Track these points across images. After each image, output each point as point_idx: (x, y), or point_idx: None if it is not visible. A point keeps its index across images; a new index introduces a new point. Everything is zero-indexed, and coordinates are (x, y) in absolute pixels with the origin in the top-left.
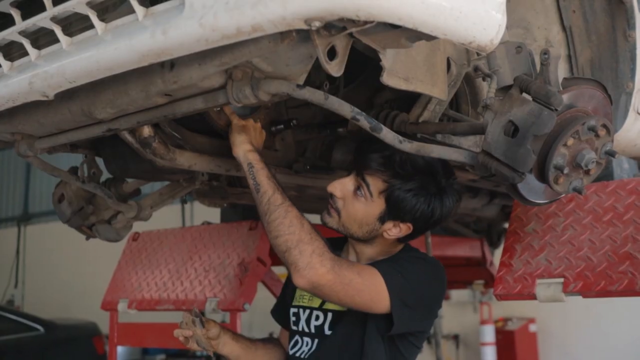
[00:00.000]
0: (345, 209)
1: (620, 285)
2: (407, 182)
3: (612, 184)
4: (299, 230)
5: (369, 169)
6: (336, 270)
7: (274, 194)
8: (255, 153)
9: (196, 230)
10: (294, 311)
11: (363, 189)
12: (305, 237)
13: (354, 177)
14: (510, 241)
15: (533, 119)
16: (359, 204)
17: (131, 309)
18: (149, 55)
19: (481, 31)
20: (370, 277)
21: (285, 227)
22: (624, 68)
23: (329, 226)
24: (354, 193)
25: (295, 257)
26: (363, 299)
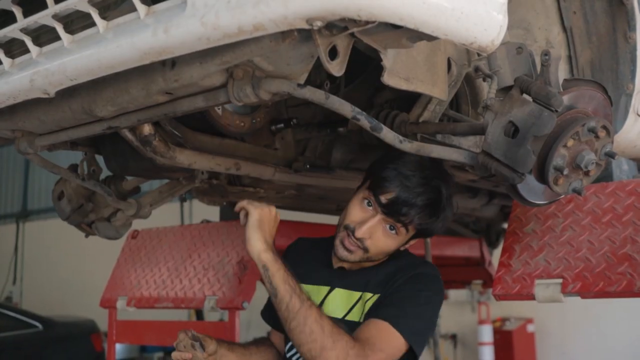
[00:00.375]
0: (374, 245)
1: (619, 286)
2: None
3: (611, 185)
4: (320, 336)
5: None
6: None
7: (291, 300)
8: (270, 253)
9: (195, 229)
10: None
11: (399, 229)
12: (328, 343)
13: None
14: (510, 241)
15: (533, 119)
16: (391, 240)
17: (130, 307)
18: (150, 54)
19: (482, 32)
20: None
21: (306, 336)
22: (624, 69)
23: (350, 260)
24: (385, 230)
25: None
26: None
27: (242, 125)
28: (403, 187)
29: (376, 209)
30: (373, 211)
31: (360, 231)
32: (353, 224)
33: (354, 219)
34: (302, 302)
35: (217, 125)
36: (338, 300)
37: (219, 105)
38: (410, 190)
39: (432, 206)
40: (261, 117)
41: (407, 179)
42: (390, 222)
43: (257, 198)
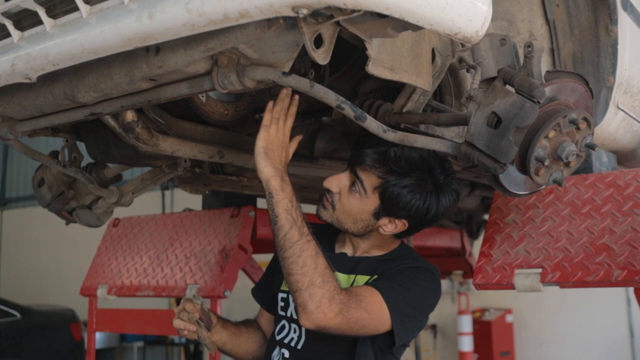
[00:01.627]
0: (340, 203)
1: (597, 276)
2: (402, 178)
3: (591, 176)
4: (312, 271)
5: (363, 164)
6: (344, 312)
7: (290, 230)
8: (277, 180)
9: (177, 217)
10: (283, 296)
11: (357, 185)
12: (317, 280)
13: (349, 173)
14: (490, 232)
15: (516, 110)
16: (354, 199)
17: (110, 295)
18: (134, 40)
19: (467, 22)
20: (376, 309)
21: (298, 267)
22: (605, 62)
23: (324, 219)
24: (349, 189)
25: (305, 300)
26: (367, 331)
27: (225, 113)
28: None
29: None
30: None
31: (326, 181)
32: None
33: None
34: (301, 235)
35: (201, 112)
36: None
37: (204, 92)
38: (375, 148)
39: (383, 153)
40: (245, 105)
41: (379, 146)
42: (352, 179)
43: (241, 187)
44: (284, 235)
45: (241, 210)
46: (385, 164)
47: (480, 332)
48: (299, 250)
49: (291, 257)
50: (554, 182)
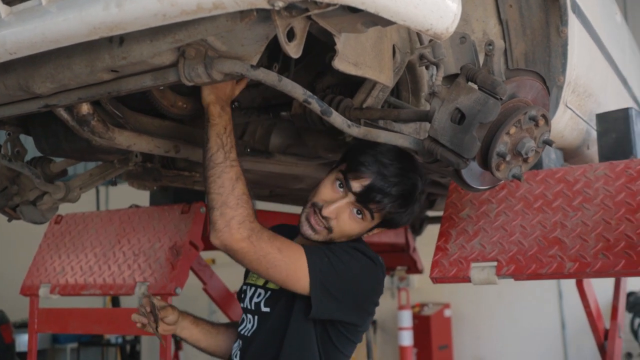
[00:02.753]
0: (338, 227)
1: (550, 268)
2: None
3: (541, 172)
4: (227, 192)
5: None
6: (253, 240)
7: (217, 152)
8: (217, 107)
9: (124, 213)
10: (244, 288)
11: (365, 215)
12: (232, 202)
13: (353, 202)
14: (446, 226)
15: (479, 107)
16: (355, 223)
17: (54, 294)
18: (100, 29)
19: (438, 19)
20: (292, 254)
21: (216, 187)
22: (555, 62)
23: (314, 240)
24: (352, 213)
25: (216, 218)
26: (278, 274)
27: (184, 107)
28: (379, 175)
29: (347, 191)
30: (343, 193)
31: (327, 210)
32: (321, 202)
33: (323, 198)
34: (225, 159)
35: (159, 106)
36: None
37: (168, 84)
38: (387, 179)
39: (405, 198)
40: None
41: (384, 167)
42: (358, 207)
43: (192, 182)
44: (210, 156)
45: (192, 206)
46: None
47: (419, 327)
48: (219, 172)
49: (212, 177)
50: (513, 177)
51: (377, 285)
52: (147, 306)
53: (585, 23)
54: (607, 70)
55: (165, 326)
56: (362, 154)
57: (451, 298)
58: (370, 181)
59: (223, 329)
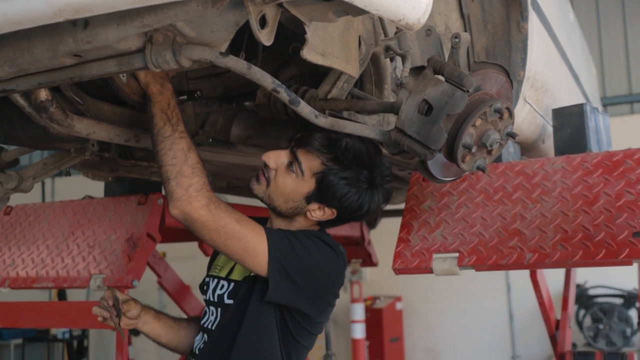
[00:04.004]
0: (275, 180)
1: (510, 259)
2: (344, 169)
3: (501, 165)
4: (181, 163)
5: (309, 146)
6: (211, 209)
7: (164, 126)
8: (157, 85)
9: (78, 205)
10: (206, 280)
11: (295, 165)
12: (186, 171)
13: (289, 152)
14: (408, 218)
15: (446, 98)
16: (289, 179)
17: (3, 288)
18: (66, 11)
19: (410, 10)
20: (251, 229)
21: (168, 159)
22: (516, 57)
23: (255, 193)
24: (287, 167)
25: (172, 188)
26: (236, 246)
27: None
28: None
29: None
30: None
31: (265, 155)
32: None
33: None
34: (174, 131)
35: (121, 93)
36: None
37: (134, 70)
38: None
39: (333, 140)
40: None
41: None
42: (290, 158)
43: (150, 173)
44: (157, 131)
45: (149, 197)
46: (333, 151)
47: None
48: (170, 144)
49: (162, 150)
50: (478, 168)
51: (339, 275)
52: (110, 299)
53: (544, 20)
54: (562, 67)
55: (127, 320)
56: None
57: (403, 291)
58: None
59: (185, 323)
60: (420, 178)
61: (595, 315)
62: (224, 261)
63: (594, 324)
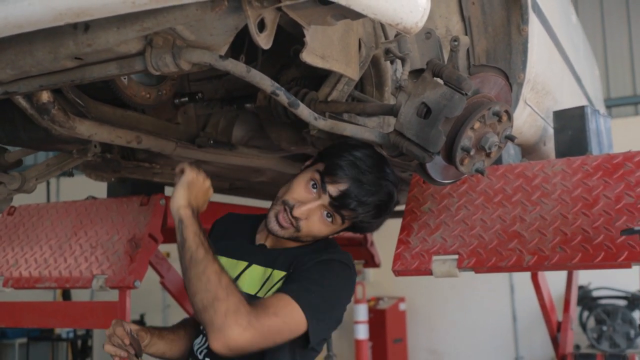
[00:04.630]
0: (307, 228)
1: (510, 261)
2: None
3: (501, 167)
4: (215, 287)
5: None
6: (253, 324)
7: (197, 249)
8: (188, 210)
9: (81, 205)
10: None
11: (336, 219)
12: (221, 295)
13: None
14: (408, 220)
15: (445, 101)
16: (324, 225)
17: (7, 287)
18: (67, 15)
19: (408, 14)
20: (288, 312)
21: (202, 284)
22: (516, 60)
23: (279, 235)
24: (322, 216)
25: (210, 317)
26: (284, 337)
27: (147, 97)
28: (357, 182)
29: (321, 193)
30: (317, 195)
31: (298, 210)
32: (293, 201)
33: (295, 197)
34: (207, 254)
35: (122, 95)
36: (254, 276)
37: (134, 73)
38: (364, 187)
39: (380, 208)
40: (167, 89)
41: (362, 174)
42: (330, 211)
43: (152, 174)
44: (190, 255)
45: (151, 198)
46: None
47: (374, 320)
48: (203, 267)
49: (196, 276)
50: (476, 171)
51: (352, 291)
52: (125, 337)
53: (545, 22)
54: (563, 69)
55: None
56: (340, 157)
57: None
58: (347, 187)
59: (182, 332)
60: (420, 180)
61: (599, 317)
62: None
63: (597, 326)
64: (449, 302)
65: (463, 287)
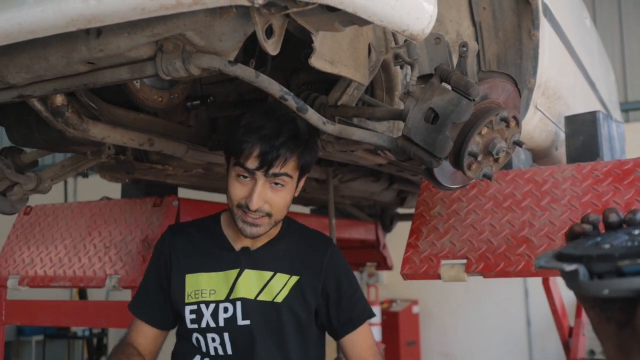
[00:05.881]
0: (274, 208)
1: (518, 267)
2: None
3: (511, 173)
4: None
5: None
6: None
7: None
8: None
9: (96, 206)
10: (193, 309)
11: (282, 180)
12: None
13: (263, 178)
14: (417, 224)
15: (453, 107)
16: (283, 194)
17: (22, 286)
18: (79, 21)
19: (415, 20)
20: None
21: None
22: (527, 65)
23: (260, 234)
24: (272, 188)
25: None
26: None
27: (159, 101)
28: (261, 139)
29: (252, 176)
30: (251, 180)
31: (253, 203)
32: (243, 201)
33: (240, 196)
34: None
35: (135, 99)
36: (249, 281)
37: (145, 78)
38: (269, 135)
39: (297, 136)
40: (179, 93)
41: (259, 130)
42: (272, 180)
43: (165, 176)
44: None
45: (164, 199)
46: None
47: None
48: None
49: None
50: (484, 176)
51: None
52: None
53: (556, 27)
54: (576, 74)
55: None
56: (235, 138)
57: (420, 295)
58: (258, 149)
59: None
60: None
61: None
62: (215, 283)
63: None
64: (463, 305)
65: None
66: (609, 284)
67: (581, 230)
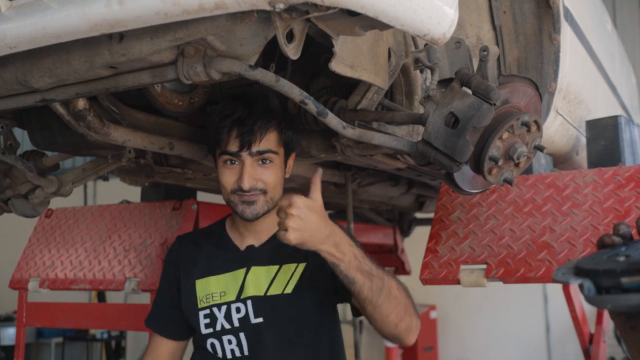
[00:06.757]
0: (266, 184)
1: (538, 272)
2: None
3: (531, 177)
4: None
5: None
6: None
7: (372, 282)
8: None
9: (115, 209)
10: (206, 313)
11: (268, 156)
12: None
13: (249, 158)
14: (436, 228)
15: (473, 111)
16: (272, 170)
17: (43, 288)
18: (102, 26)
19: (435, 25)
20: None
21: (392, 307)
22: (547, 69)
23: (259, 213)
24: (261, 166)
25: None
26: None
27: (180, 105)
28: (237, 121)
29: (237, 158)
30: (238, 162)
31: (244, 183)
32: (236, 185)
33: (231, 181)
34: (380, 279)
35: (155, 103)
36: (257, 278)
37: (167, 82)
38: (242, 117)
39: (267, 111)
40: (199, 97)
41: (233, 113)
42: (256, 157)
43: (184, 179)
44: (368, 289)
45: (183, 203)
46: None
47: None
48: (386, 293)
49: (383, 303)
50: (505, 181)
51: None
52: None
53: (577, 31)
54: (597, 78)
55: None
56: (214, 127)
57: (437, 300)
58: (236, 131)
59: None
60: (449, 189)
61: None
62: (224, 284)
63: None
64: (481, 310)
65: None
66: (611, 299)
67: (610, 242)
